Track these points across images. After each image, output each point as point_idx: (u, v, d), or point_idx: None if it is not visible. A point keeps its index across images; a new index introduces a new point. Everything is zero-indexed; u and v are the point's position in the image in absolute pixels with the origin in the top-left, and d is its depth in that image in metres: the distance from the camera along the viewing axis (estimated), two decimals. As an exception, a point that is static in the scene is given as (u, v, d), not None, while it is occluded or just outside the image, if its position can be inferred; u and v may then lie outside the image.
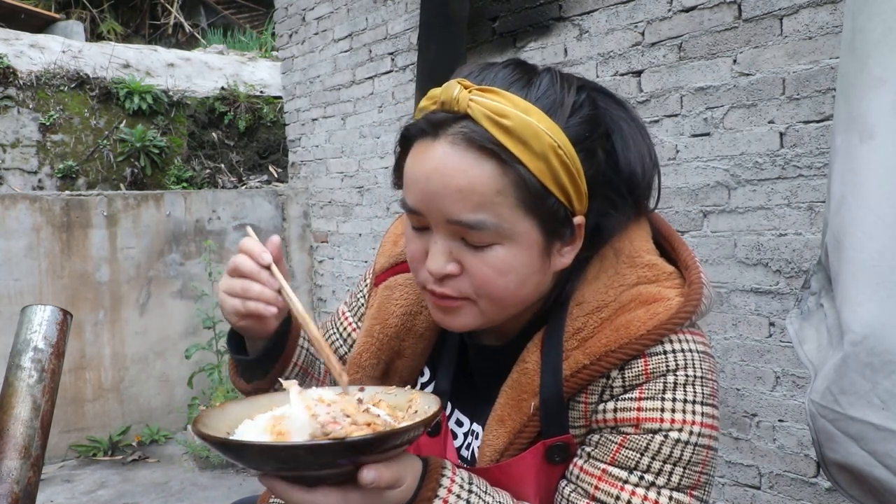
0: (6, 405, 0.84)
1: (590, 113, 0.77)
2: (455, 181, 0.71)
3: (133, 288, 4.15)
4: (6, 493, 0.79)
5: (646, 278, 0.81)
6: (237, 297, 0.81)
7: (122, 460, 3.90)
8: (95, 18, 9.31)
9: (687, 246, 0.88)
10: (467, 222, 0.72)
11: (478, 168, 0.71)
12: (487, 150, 0.71)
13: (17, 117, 4.47)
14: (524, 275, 0.76)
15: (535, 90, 0.75)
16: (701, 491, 0.77)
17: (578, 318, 0.79)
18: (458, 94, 0.72)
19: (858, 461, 0.97)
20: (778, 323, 2.22)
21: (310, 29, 4.40)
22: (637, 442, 0.75)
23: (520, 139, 0.70)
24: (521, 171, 0.71)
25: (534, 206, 0.73)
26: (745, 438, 2.33)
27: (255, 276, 0.80)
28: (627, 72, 2.56)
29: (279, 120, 5.31)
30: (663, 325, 0.76)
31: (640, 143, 0.83)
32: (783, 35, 2.13)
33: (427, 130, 0.74)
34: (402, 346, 0.93)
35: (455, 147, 0.72)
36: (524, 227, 0.74)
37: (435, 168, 0.73)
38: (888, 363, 0.92)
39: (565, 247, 0.78)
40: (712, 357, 0.81)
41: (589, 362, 0.77)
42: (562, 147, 0.72)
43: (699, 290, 0.80)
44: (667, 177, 2.47)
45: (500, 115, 0.70)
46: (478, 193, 0.71)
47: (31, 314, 0.90)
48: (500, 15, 3.05)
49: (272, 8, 5.07)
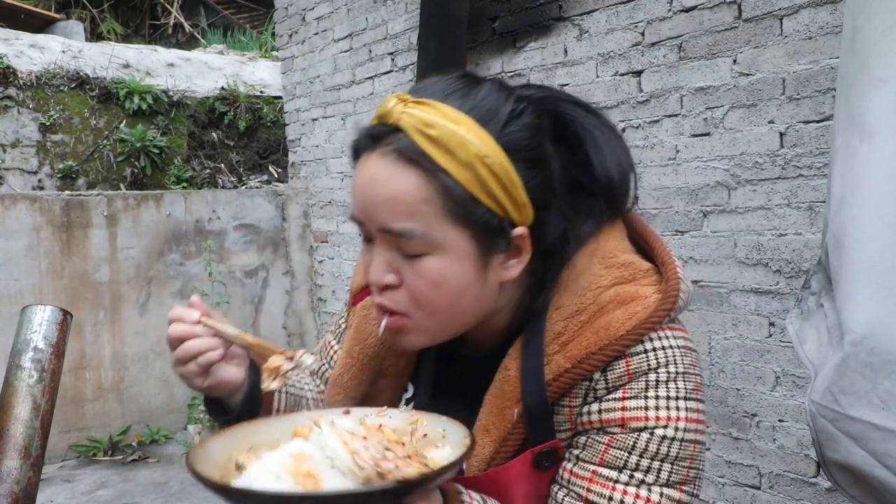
0: (6, 405, 0.84)
1: (531, 122, 0.78)
2: (383, 191, 0.74)
3: (133, 288, 4.15)
4: (6, 493, 0.79)
5: (622, 278, 0.81)
6: (188, 363, 0.83)
7: (122, 460, 3.90)
8: (95, 18, 9.31)
9: (662, 242, 0.87)
10: (396, 230, 0.75)
11: (404, 178, 0.73)
12: (413, 160, 0.73)
13: (17, 117, 4.47)
14: (458, 287, 0.77)
15: (471, 100, 0.76)
16: (691, 485, 0.78)
17: (558, 323, 0.80)
18: (392, 107, 0.75)
19: (858, 461, 0.97)
20: (778, 323, 2.22)
21: (310, 29, 4.40)
22: (624, 441, 0.76)
23: (445, 148, 0.72)
24: (445, 179, 0.73)
25: (462, 216, 0.74)
26: (745, 438, 2.33)
27: (190, 333, 0.83)
28: (627, 72, 2.56)
29: (279, 120, 5.31)
30: (642, 325, 0.77)
31: (615, 148, 0.84)
32: (783, 35, 2.13)
33: (366, 144, 0.77)
34: (383, 366, 0.94)
35: (385, 158, 0.74)
36: (454, 237, 0.75)
37: (368, 179, 0.76)
38: (888, 363, 0.92)
39: (510, 259, 0.79)
40: (694, 351, 0.81)
41: (570, 366, 0.77)
42: (490, 156, 0.73)
43: (676, 285, 0.80)
44: (667, 177, 2.47)
45: (428, 125, 0.72)
46: (404, 202, 0.73)
47: (31, 314, 0.90)
48: (500, 15, 3.05)
49: (272, 8, 5.07)
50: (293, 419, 0.78)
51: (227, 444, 0.74)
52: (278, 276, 4.72)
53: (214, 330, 0.83)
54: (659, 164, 2.49)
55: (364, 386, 0.94)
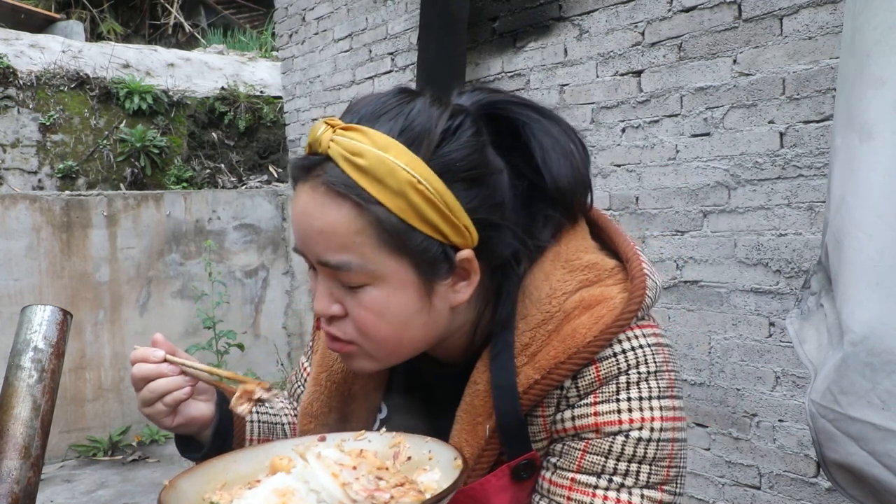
0: (6, 405, 0.84)
1: (468, 138, 0.74)
2: (317, 223, 0.72)
3: (133, 288, 4.15)
4: (6, 493, 0.79)
5: (587, 281, 0.79)
6: (154, 403, 0.82)
7: (122, 460, 3.90)
8: (95, 18, 9.31)
9: (625, 236, 0.84)
10: (333, 263, 0.73)
11: (335, 211, 0.71)
12: (342, 193, 0.70)
13: (17, 117, 4.47)
14: (403, 316, 0.75)
15: (402, 121, 0.72)
16: (672, 485, 0.76)
17: (525, 333, 0.78)
18: (320, 134, 0.72)
19: (858, 461, 0.97)
20: (778, 323, 2.22)
21: (310, 29, 4.40)
22: (600, 446, 0.75)
23: (374, 177, 0.69)
24: (377, 211, 0.70)
25: (398, 245, 0.72)
26: (745, 438, 2.33)
27: (156, 373, 0.82)
28: (627, 72, 2.56)
29: (279, 120, 5.31)
30: (609, 329, 0.75)
31: (564, 149, 0.80)
32: (783, 35, 2.13)
33: (298, 175, 0.75)
34: (352, 389, 0.92)
35: (315, 191, 0.72)
36: (393, 267, 0.73)
37: (301, 212, 0.74)
38: (888, 363, 0.92)
39: (459, 282, 0.76)
40: (667, 346, 0.79)
41: (540, 377, 0.75)
42: (423, 181, 0.70)
43: (642, 283, 0.77)
44: (667, 177, 2.47)
45: (356, 154, 0.70)
46: (338, 235, 0.71)
47: (31, 314, 0.90)
48: (500, 15, 3.05)
49: (272, 8, 5.07)
50: (268, 450, 0.76)
51: (198, 481, 0.71)
52: (278, 276, 4.72)
53: (181, 368, 0.82)
54: (659, 164, 2.49)
55: (335, 412, 0.92)
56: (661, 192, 2.49)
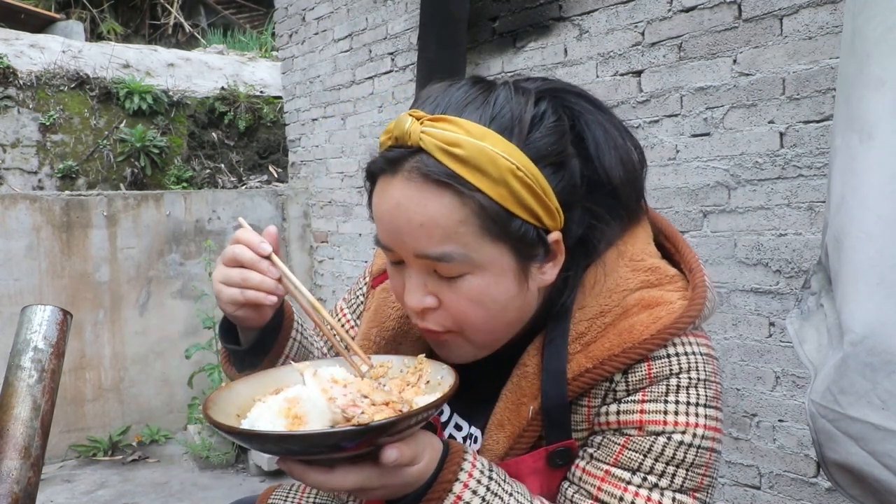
0: (6, 405, 0.84)
1: (553, 123, 0.76)
2: (416, 217, 0.72)
3: (133, 288, 4.15)
4: (6, 493, 0.79)
5: (648, 282, 0.80)
6: (235, 287, 0.80)
7: (122, 460, 3.90)
8: (95, 18, 9.31)
9: (690, 248, 0.87)
10: (434, 255, 0.73)
11: (436, 202, 0.71)
12: (444, 182, 0.70)
13: (17, 117, 4.47)
14: (502, 301, 0.76)
15: (490, 110, 0.73)
16: (704, 493, 0.77)
17: (581, 323, 0.79)
18: (409, 127, 0.72)
19: (858, 461, 0.97)
20: (778, 323, 2.22)
21: (310, 29, 4.40)
22: (640, 443, 0.75)
23: (475, 167, 0.70)
24: (480, 199, 0.71)
25: (500, 232, 0.72)
26: (745, 438, 2.33)
27: (255, 265, 0.80)
28: (627, 72, 2.56)
29: (279, 120, 5.31)
30: (666, 329, 0.76)
31: (619, 144, 0.81)
32: (783, 35, 2.13)
33: (385, 168, 0.75)
34: (399, 350, 0.93)
35: (411, 182, 0.72)
36: (493, 254, 0.73)
37: (396, 205, 0.73)
38: (888, 363, 0.92)
39: (546, 264, 0.78)
40: (716, 359, 0.81)
41: (592, 366, 0.77)
42: (521, 168, 0.71)
43: (703, 293, 0.79)
44: (667, 177, 2.47)
45: (453, 144, 0.70)
46: (440, 226, 0.71)
47: (31, 314, 0.90)
48: (500, 15, 3.05)
49: (272, 8, 5.07)
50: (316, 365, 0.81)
51: (253, 385, 0.78)
52: (278, 276, 4.71)
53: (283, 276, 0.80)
54: (659, 164, 2.49)
55: None
56: (661, 192, 2.49)
